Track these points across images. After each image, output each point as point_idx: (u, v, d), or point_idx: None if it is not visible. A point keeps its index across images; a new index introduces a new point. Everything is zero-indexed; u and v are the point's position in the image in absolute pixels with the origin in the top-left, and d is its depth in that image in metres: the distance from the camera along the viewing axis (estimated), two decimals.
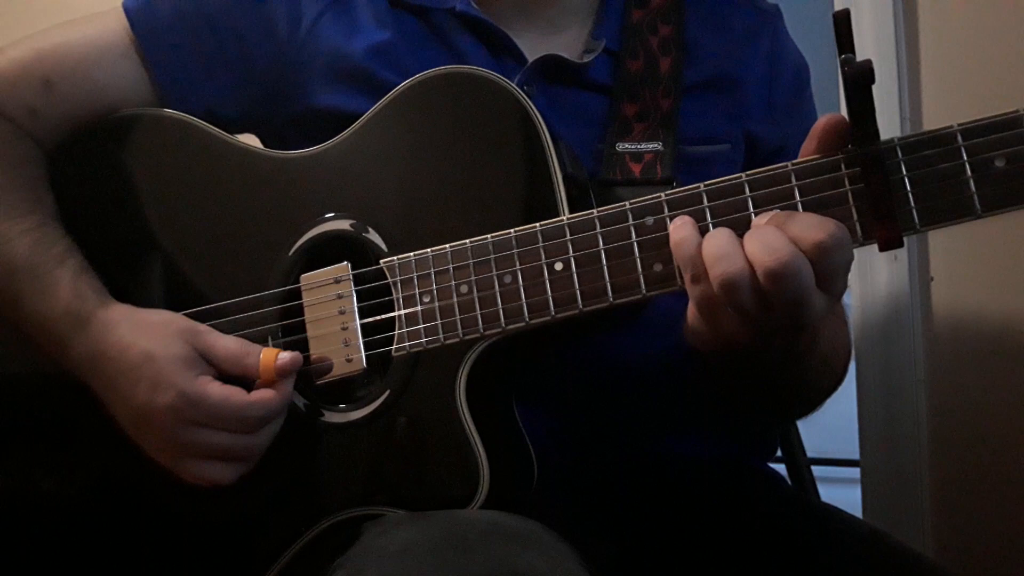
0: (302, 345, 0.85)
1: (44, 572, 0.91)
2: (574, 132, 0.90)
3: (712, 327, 0.73)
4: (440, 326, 0.81)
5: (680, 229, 0.72)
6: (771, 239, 0.68)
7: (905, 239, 0.70)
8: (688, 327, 0.75)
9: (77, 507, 0.90)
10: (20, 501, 0.92)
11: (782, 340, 0.74)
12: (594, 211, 0.77)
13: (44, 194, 0.90)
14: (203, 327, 0.83)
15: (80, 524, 0.90)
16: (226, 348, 0.82)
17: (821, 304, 0.69)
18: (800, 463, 1.21)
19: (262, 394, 0.80)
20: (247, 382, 0.82)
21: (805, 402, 0.95)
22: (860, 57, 0.67)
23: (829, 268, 0.68)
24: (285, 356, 0.81)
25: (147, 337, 0.81)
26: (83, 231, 0.89)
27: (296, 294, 0.86)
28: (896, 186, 0.70)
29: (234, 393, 0.80)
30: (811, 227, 0.68)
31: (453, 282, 0.81)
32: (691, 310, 0.74)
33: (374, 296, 0.84)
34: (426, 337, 0.81)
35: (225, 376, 0.82)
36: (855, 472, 1.44)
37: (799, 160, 0.73)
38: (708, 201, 0.74)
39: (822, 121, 0.72)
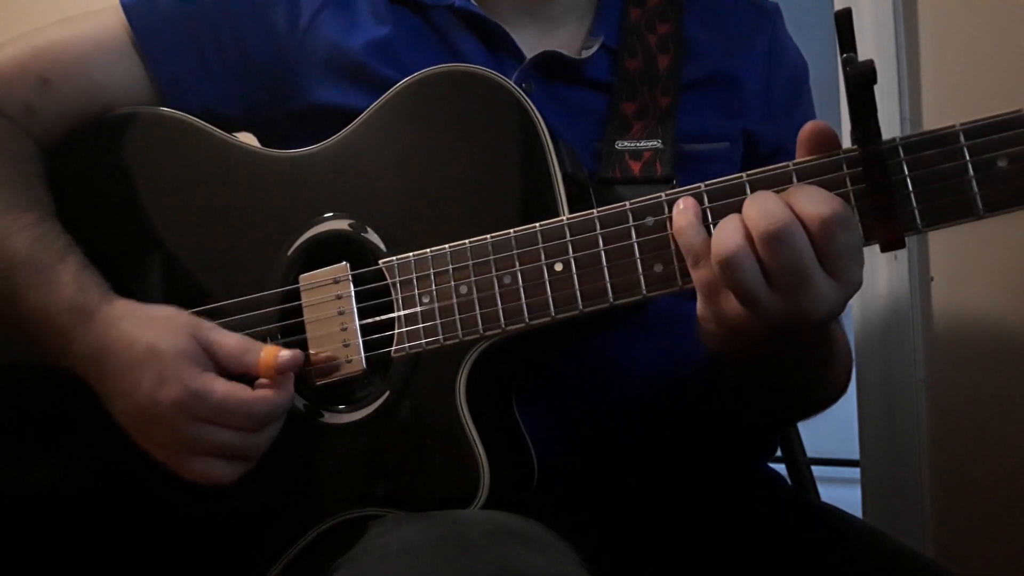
0: (301, 346, 0.84)
1: (45, 570, 0.90)
2: (572, 129, 0.90)
3: (717, 315, 0.72)
4: (439, 326, 0.80)
5: (682, 216, 0.73)
6: (770, 205, 0.68)
7: (906, 239, 0.70)
8: (699, 322, 0.75)
9: (77, 505, 0.90)
10: (21, 499, 0.92)
11: (793, 336, 0.73)
12: (594, 211, 0.77)
13: (43, 192, 0.90)
14: (206, 323, 0.83)
15: (80, 523, 0.90)
16: (227, 345, 0.82)
17: (828, 290, 0.68)
18: (800, 463, 1.21)
19: (265, 392, 0.81)
20: (249, 380, 0.82)
21: (810, 408, 0.95)
22: (860, 57, 0.67)
23: (832, 246, 0.67)
24: (285, 354, 0.81)
25: (152, 331, 0.81)
26: (80, 230, 0.89)
27: (295, 294, 0.86)
28: (898, 186, 0.69)
29: (238, 389, 0.80)
30: (816, 201, 0.67)
31: (452, 282, 0.80)
32: (699, 300, 0.73)
33: (373, 296, 0.84)
34: (425, 338, 0.81)
35: (227, 374, 0.81)
36: (855, 472, 1.44)
37: (800, 160, 0.72)
38: (709, 201, 0.73)
39: (807, 129, 0.72)
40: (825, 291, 0.68)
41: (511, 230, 0.79)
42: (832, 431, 1.33)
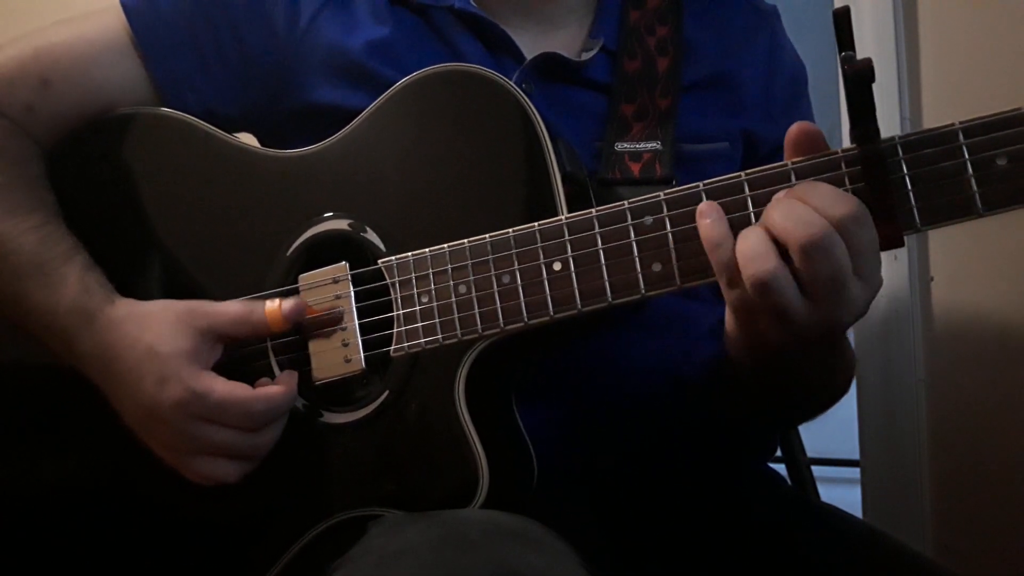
0: (301, 346, 0.85)
1: (47, 569, 0.91)
2: (572, 130, 0.90)
3: (749, 331, 0.71)
4: (438, 326, 0.80)
5: (713, 228, 0.70)
6: (802, 212, 0.66)
7: (905, 238, 0.70)
8: (726, 334, 0.74)
9: (79, 504, 0.90)
10: (23, 498, 0.92)
11: (820, 345, 0.72)
12: (592, 211, 0.77)
13: (45, 192, 0.90)
14: (200, 303, 0.83)
15: (83, 522, 0.90)
16: (231, 314, 0.82)
17: (859, 293, 0.67)
18: (800, 463, 1.21)
19: (266, 390, 0.81)
20: (251, 381, 0.82)
21: (815, 411, 0.95)
22: (860, 56, 0.67)
23: (858, 245, 0.66)
24: (289, 304, 0.82)
25: (151, 331, 0.81)
26: (80, 230, 0.89)
27: (294, 294, 0.85)
28: (897, 185, 0.69)
29: (238, 389, 0.80)
30: (835, 201, 0.66)
31: (451, 282, 0.80)
32: (728, 315, 0.73)
33: (373, 296, 0.84)
34: (424, 337, 0.81)
35: (239, 344, 0.82)
36: (855, 472, 1.44)
37: (799, 159, 0.72)
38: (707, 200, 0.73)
39: (794, 130, 0.72)
40: (856, 295, 0.67)
41: (510, 230, 0.79)
42: (832, 431, 1.33)
